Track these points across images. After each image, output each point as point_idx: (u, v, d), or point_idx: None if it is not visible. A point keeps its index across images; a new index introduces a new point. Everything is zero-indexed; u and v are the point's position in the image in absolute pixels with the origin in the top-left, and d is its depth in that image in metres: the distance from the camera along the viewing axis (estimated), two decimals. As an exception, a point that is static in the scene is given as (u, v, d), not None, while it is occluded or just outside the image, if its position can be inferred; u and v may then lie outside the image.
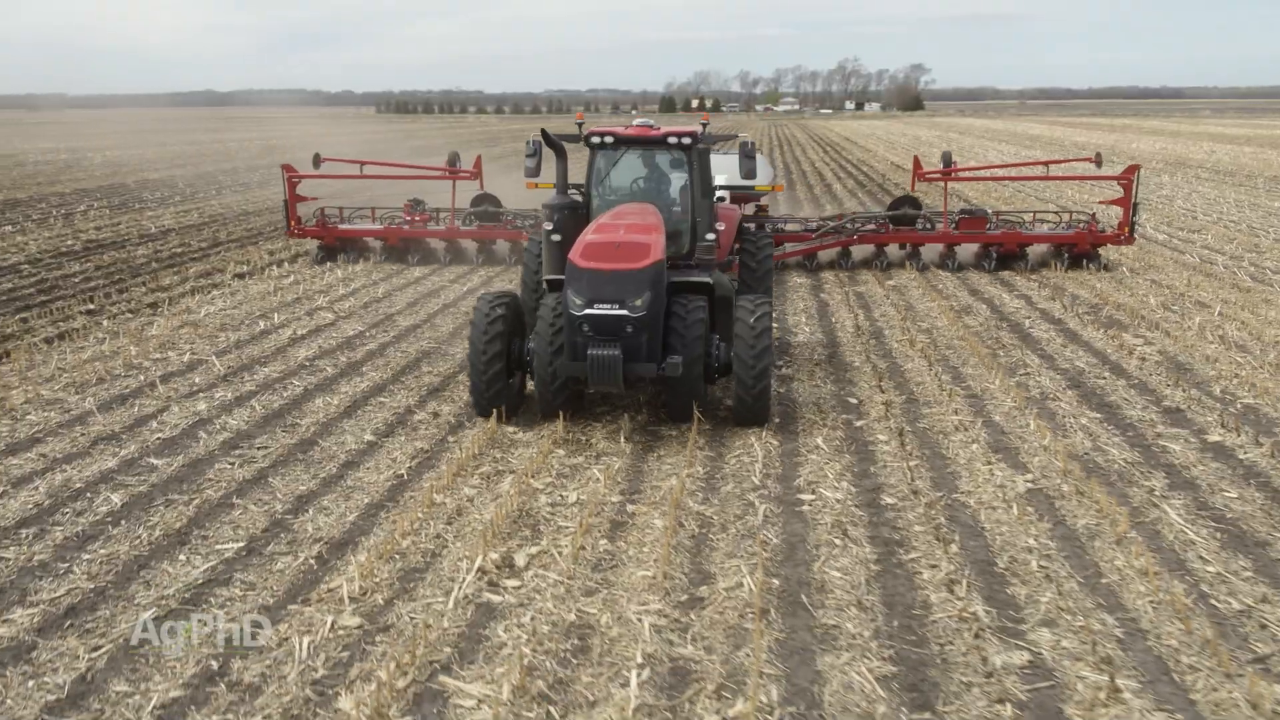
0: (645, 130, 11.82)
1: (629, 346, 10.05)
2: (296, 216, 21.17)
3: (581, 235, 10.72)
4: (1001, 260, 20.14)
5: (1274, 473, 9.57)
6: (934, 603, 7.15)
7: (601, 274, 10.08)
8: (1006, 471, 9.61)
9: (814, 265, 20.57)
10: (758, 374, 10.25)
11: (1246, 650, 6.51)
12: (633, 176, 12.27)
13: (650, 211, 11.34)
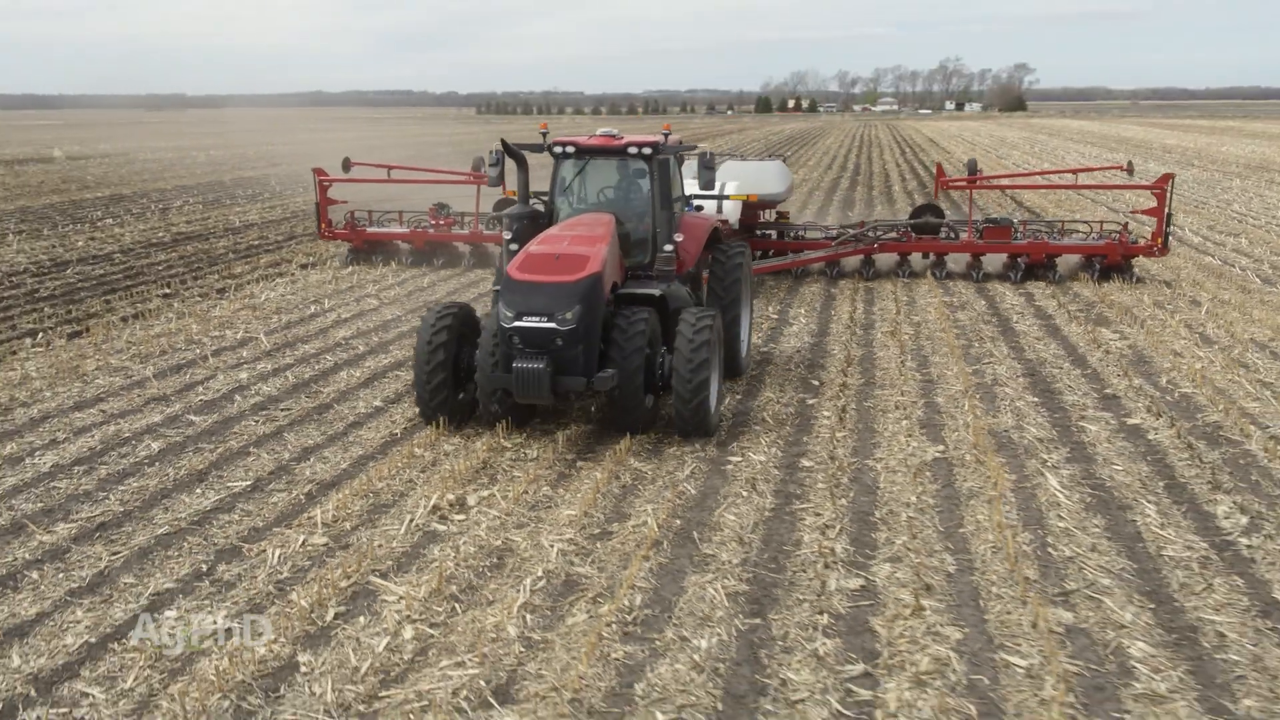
0: (608, 140, 11.84)
1: (559, 359, 10.06)
2: (327, 219, 21.75)
3: (526, 246, 10.89)
4: (1029, 271, 19.57)
5: (1171, 451, 10.53)
6: (805, 542, 8.41)
7: (532, 286, 10.19)
8: (922, 443, 10.76)
9: (835, 273, 20.23)
10: (694, 388, 10.28)
11: (1056, 587, 7.63)
12: (595, 186, 12.31)
13: (602, 222, 11.27)
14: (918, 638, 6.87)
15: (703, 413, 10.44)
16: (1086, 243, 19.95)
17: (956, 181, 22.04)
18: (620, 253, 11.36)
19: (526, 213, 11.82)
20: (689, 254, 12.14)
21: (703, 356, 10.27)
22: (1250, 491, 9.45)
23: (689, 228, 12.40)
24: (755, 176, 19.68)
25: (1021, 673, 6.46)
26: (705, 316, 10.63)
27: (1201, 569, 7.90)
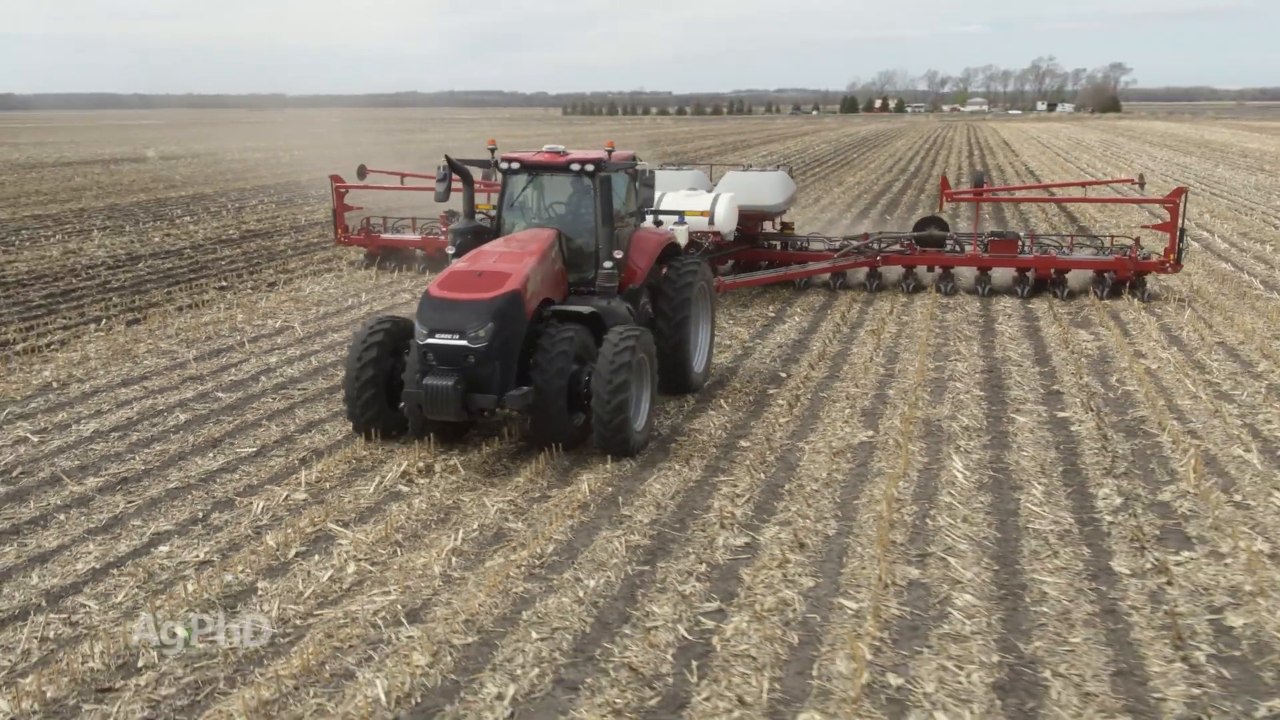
0: (553, 156, 11.95)
1: (472, 376, 10.13)
2: (344, 225, 22.26)
3: (453, 263, 11.12)
4: (1037, 286, 19.14)
5: (1085, 441, 11.46)
6: (713, 507, 9.63)
7: (447, 303, 10.31)
8: (856, 429, 11.87)
9: (839, 285, 20.05)
10: (613, 408, 10.25)
11: (916, 550, 8.74)
12: (541, 202, 12.40)
13: (537, 239, 11.41)
14: (773, 584, 8.05)
15: (623, 432, 10.43)
16: (1096, 258, 19.40)
17: (961, 194, 22.23)
18: (562, 268, 11.61)
19: (470, 227, 12.01)
20: (638, 269, 12.26)
21: (622, 377, 10.25)
22: (1140, 478, 10.37)
23: (640, 243, 12.52)
24: (753, 187, 19.71)
25: (850, 613, 7.61)
26: (629, 336, 10.59)
27: (1056, 540, 8.92)
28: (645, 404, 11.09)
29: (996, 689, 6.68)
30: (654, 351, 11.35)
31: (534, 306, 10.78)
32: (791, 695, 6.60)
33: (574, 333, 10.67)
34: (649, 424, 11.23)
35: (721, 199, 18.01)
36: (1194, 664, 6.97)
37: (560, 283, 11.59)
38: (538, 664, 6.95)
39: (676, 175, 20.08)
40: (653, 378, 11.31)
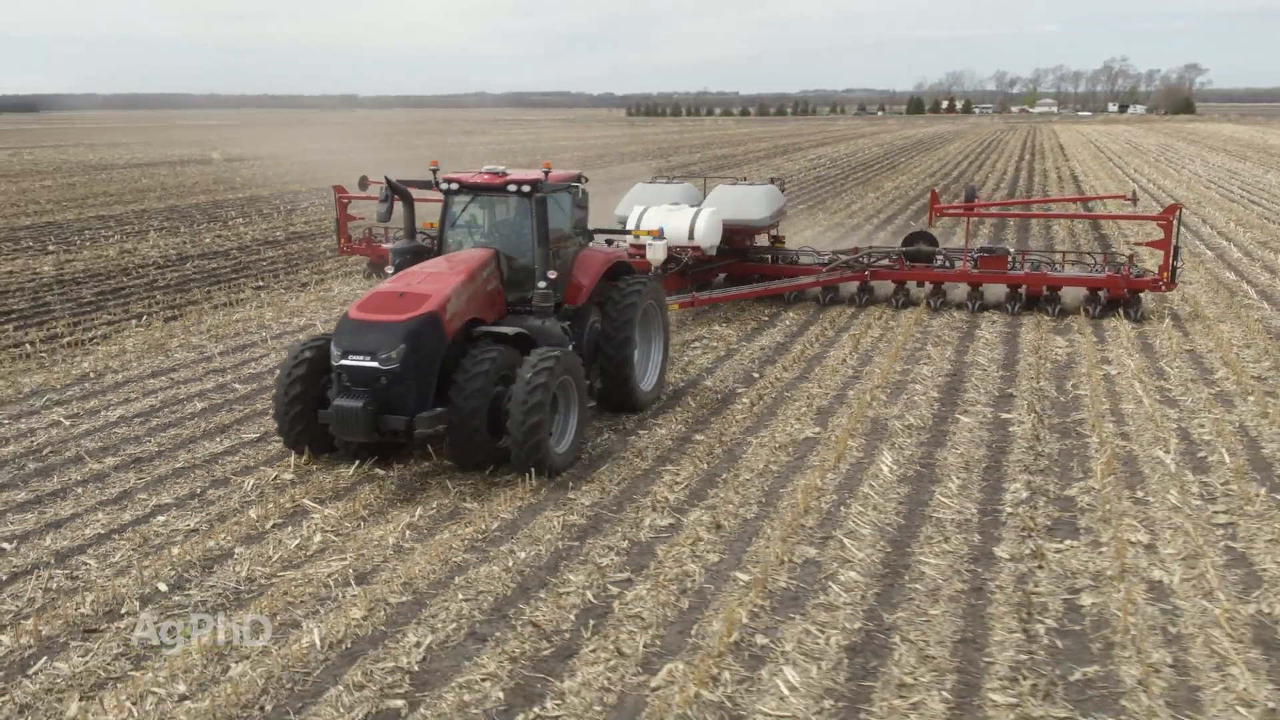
0: (492, 177, 12.07)
1: (384, 398, 10.25)
2: (346, 234, 22.71)
3: (378, 284, 11.32)
4: (1029, 303, 19.05)
5: (1017, 441, 12.28)
6: (652, 493, 10.68)
7: (362, 325, 10.47)
8: (805, 425, 12.83)
9: (828, 299, 20.04)
10: (527, 430, 10.33)
11: (820, 533, 9.69)
12: (480, 222, 12.54)
13: (468, 259, 11.58)
14: (682, 559, 9.09)
15: (539, 453, 10.50)
16: (1088, 275, 19.11)
17: (952, 208, 22.00)
18: (498, 288, 11.81)
19: (410, 247, 12.23)
20: (582, 289, 12.52)
21: (536, 398, 10.31)
22: (1055, 475, 11.20)
23: (584, 262, 12.72)
24: (740, 202, 19.77)
25: (741, 584, 8.62)
26: (547, 359, 10.63)
27: (952, 528, 9.82)
28: (572, 424, 11.24)
29: (847, 650, 7.65)
30: (581, 372, 11.34)
31: (456, 327, 10.84)
32: (666, 650, 7.64)
33: (496, 354, 10.68)
34: (576, 444, 11.33)
35: (703, 214, 18.26)
36: (1032, 635, 7.87)
37: (495, 303, 11.74)
38: (457, 620, 8.08)
39: (666, 189, 20.08)
40: (582, 398, 11.32)
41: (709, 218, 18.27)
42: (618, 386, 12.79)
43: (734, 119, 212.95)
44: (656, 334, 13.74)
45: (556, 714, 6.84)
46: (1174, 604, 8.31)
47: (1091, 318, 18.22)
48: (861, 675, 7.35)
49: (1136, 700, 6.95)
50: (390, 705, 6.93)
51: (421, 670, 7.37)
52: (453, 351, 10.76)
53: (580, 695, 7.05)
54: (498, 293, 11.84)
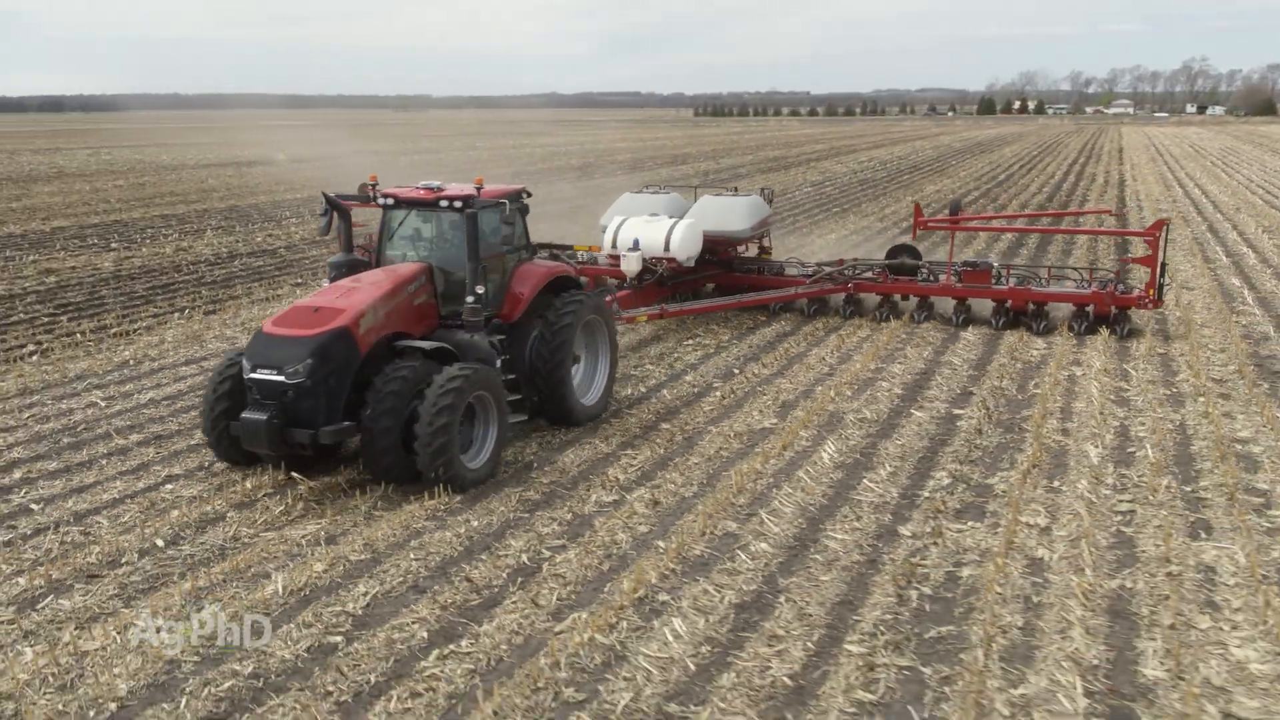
0: (427, 193, 12.25)
1: (291, 411, 10.47)
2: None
3: (298, 300, 11.70)
4: (1015, 318, 18.87)
5: (960, 434, 13.18)
6: (607, 474, 11.81)
7: (273, 339, 10.72)
8: (765, 416, 13.85)
9: (813, 311, 20.00)
10: (434, 449, 10.55)
11: (746, 511, 10.74)
12: (415, 236, 12.78)
13: (394, 274, 11.80)
14: (615, 529, 10.22)
15: (449, 469, 10.75)
16: (1073, 291, 18.91)
17: (936, 221, 21.61)
18: (430, 302, 12.05)
19: (347, 261, 12.54)
20: (519, 303, 12.69)
21: (444, 419, 10.51)
22: (982, 466, 12.10)
23: (523, 277, 12.87)
24: (722, 213, 19.85)
25: (659, 551, 9.73)
26: (458, 375, 10.77)
27: (869, 509, 10.81)
28: (491, 439, 11.43)
29: (736, 607, 8.72)
30: (500, 387, 11.51)
31: (372, 341, 11.01)
32: (577, 603, 8.78)
33: (411, 369, 10.86)
34: (495, 458, 11.49)
35: (679, 226, 18.40)
36: (904, 600, 8.86)
37: (425, 316, 11.95)
38: (404, 575, 9.30)
39: (652, 199, 20.17)
40: (502, 413, 11.48)
41: (685, 229, 18.37)
42: (553, 401, 12.91)
43: (799, 119, 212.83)
44: (603, 349, 13.83)
45: (468, 651, 8.02)
46: (1045, 577, 9.23)
47: (1077, 335, 18.06)
48: (741, 628, 8.41)
49: (974, 655, 7.91)
50: (330, 640, 8.17)
51: (363, 614, 8.60)
52: (369, 365, 10.92)
53: (492, 637, 8.22)
54: (429, 307, 12.02)
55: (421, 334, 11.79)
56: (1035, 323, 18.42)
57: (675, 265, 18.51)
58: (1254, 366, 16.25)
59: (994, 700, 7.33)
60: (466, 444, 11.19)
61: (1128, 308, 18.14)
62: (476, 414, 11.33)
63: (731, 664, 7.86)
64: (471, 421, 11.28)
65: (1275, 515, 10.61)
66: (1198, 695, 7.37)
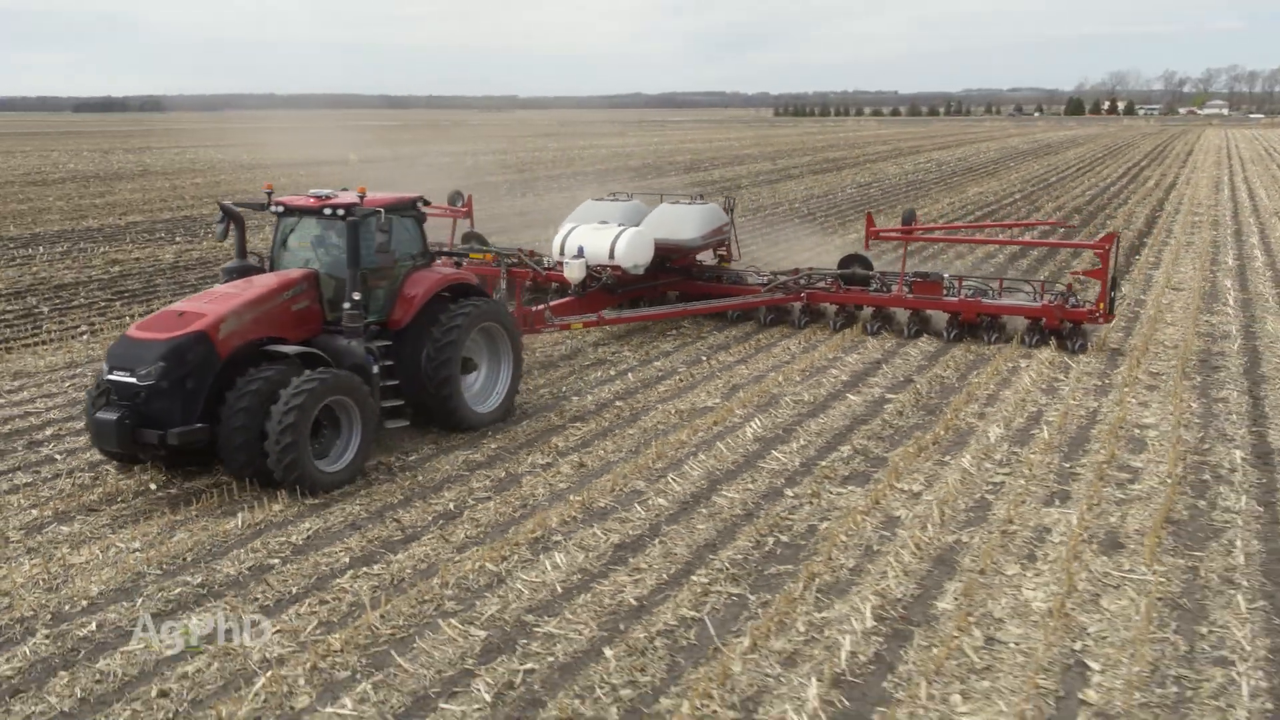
0: (315, 201, 12.58)
1: (143, 412, 10.75)
2: None
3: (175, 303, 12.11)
4: (966, 330, 18.66)
5: (882, 416, 14.51)
6: (552, 441, 13.41)
7: (132, 342, 11.13)
8: (713, 397, 15.31)
9: (768, 320, 20.05)
10: (281, 450, 10.80)
11: (659, 472, 12.25)
12: (303, 243, 12.99)
13: (269, 280, 12.20)
14: (537, 485, 11.83)
15: (294, 471, 11.00)
16: (1023, 304, 18.59)
17: (889, 232, 21.25)
18: (311, 308, 12.35)
19: (239, 266, 12.92)
20: (408, 309, 12.92)
21: (289, 421, 10.81)
22: (889, 441, 13.41)
23: (415, 283, 13.07)
24: (673, 222, 19.92)
25: (569, 501, 11.29)
26: (310, 380, 11.04)
27: (769, 474, 12.23)
28: (355, 444, 11.70)
29: (616, 547, 10.26)
30: (363, 392, 11.72)
31: (235, 345, 11.28)
32: (480, 540, 10.40)
33: (271, 374, 11.12)
34: (359, 462, 11.81)
35: (625, 234, 18.59)
36: (760, 544, 10.29)
37: (307, 322, 12.24)
38: (346, 516, 11.01)
39: (610, 207, 20.34)
40: (367, 418, 11.73)
41: (631, 237, 18.56)
42: (440, 407, 13.12)
43: (878, 120, 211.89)
44: (505, 356, 14.02)
45: (379, 573, 9.70)
46: (894, 532, 10.58)
47: (1028, 347, 17.79)
48: (613, 563, 9.95)
49: (796, 586, 9.34)
50: (269, 562, 9.92)
51: (302, 544, 10.33)
52: (234, 369, 11.18)
53: (402, 563, 9.90)
54: (310, 312, 12.29)
55: (302, 339, 11.99)
56: (987, 335, 18.40)
57: (621, 273, 18.71)
58: (1199, 362, 17.16)
59: (796, 620, 8.76)
60: (329, 447, 11.60)
61: (1079, 322, 17.86)
62: (339, 419, 11.61)
63: (592, 589, 9.40)
64: (335, 426, 11.61)
65: (1134, 489, 11.75)
66: (972, 623, 8.70)
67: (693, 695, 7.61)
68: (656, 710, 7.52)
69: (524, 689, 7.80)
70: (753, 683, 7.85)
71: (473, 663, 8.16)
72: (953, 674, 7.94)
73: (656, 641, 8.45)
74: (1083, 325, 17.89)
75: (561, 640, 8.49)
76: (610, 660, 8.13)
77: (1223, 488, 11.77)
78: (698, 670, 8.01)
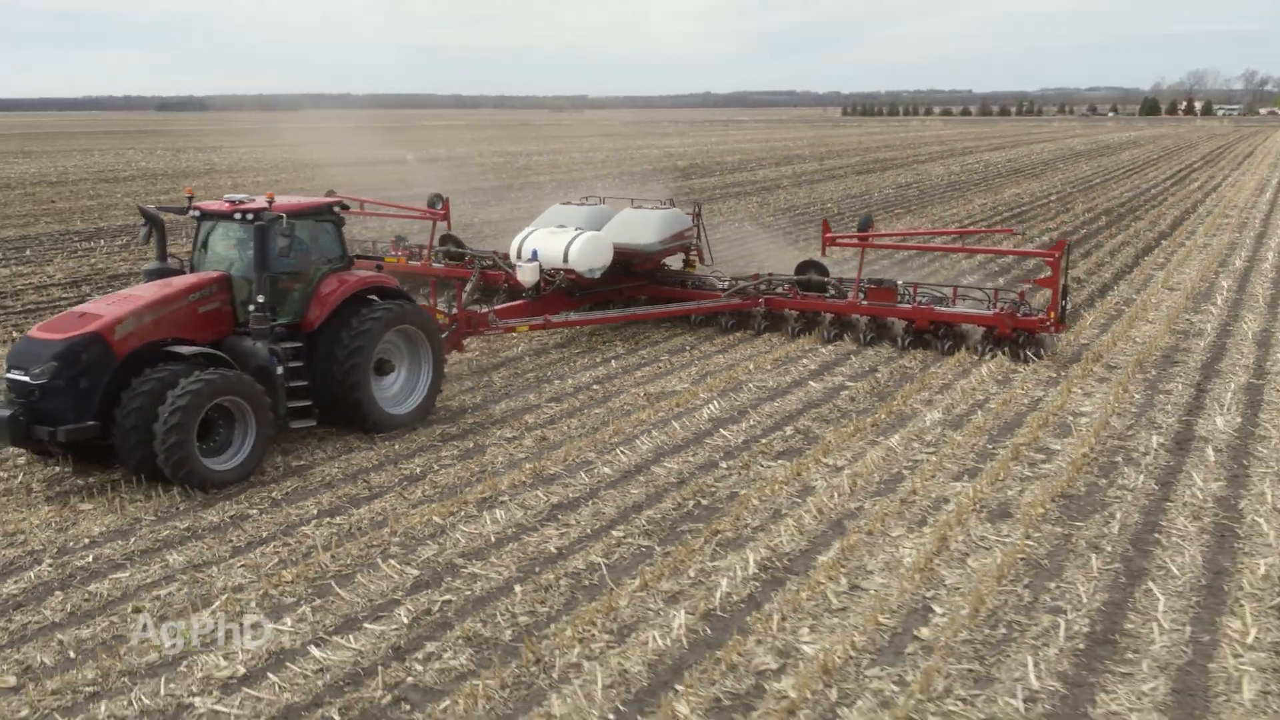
0: (229, 206, 13.01)
1: (37, 409, 11.22)
2: None
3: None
4: (919, 338, 18.52)
5: (831, 400, 15.64)
6: (522, 418, 14.81)
7: (29, 341, 11.71)
8: (680, 383, 16.56)
9: (729, 325, 20.19)
10: (167, 449, 11.26)
11: (611, 445, 13.54)
12: (221, 247, 13.40)
13: (177, 283, 12.69)
14: (497, 456, 13.19)
15: (181, 469, 11.45)
16: (975, 312, 18.37)
17: (845, 238, 21.23)
18: (221, 309, 12.89)
19: (158, 269, 13.29)
20: (320, 311, 13.28)
21: (176, 421, 11.22)
22: (832, 423, 14.53)
23: (329, 286, 13.43)
24: (632, 226, 20.23)
25: (522, 469, 12.65)
26: (197, 381, 11.46)
27: (710, 449, 13.46)
28: (249, 443, 12.11)
29: (554, 506, 11.57)
30: (256, 392, 12.10)
31: (133, 346, 11.73)
32: (435, 499, 11.79)
33: (166, 374, 11.53)
34: (253, 460, 12.21)
35: (580, 239, 18.98)
36: (681, 506, 11.52)
37: (215, 323, 12.78)
38: (323, 478, 12.49)
39: (576, 211, 20.88)
40: (261, 417, 12.12)
41: (585, 242, 18.89)
42: (351, 408, 13.45)
43: (944, 120, 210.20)
44: (425, 358, 14.37)
45: (339, 523, 11.14)
46: (804, 499, 11.74)
47: (980, 356, 17.68)
48: (546, 518, 11.27)
49: (698, 541, 10.58)
50: (248, 513, 11.43)
51: (280, 499, 11.83)
52: (133, 369, 11.65)
53: (361, 515, 11.34)
54: (221, 314, 12.84)
55: (211, 340, 12.53)
56: (941, 343, 18.21)
57: (576, 277, 18.99)
58: (1161, 358, 17.88)
59: (689, 568, 10.01)
60: (225, 444, 12.06)
61: (1030, 330, 17.62)
62: (235, 418, 12.04)
63: (522, 539, 10.74)
64: (229, 425, 12.06)
65: (1044, 468, 12.74)
66: (842, 573, 9.87)
67: (579, 623, 8.91)
68: (546, 633, 8.82)
69: (439, 615, 9.17)
70: (635, 615, 9.12)
71: (401, 595, 9.54)
72: (809, 612, 9.12)
73: (561, 581, 9.76)
74: (1036, 334, 17.67)
75: (482, 579, 9.84)
76: (518, 595, 9.47)
77: (1128, 469, 12.66)
78: (590, 604, 9.29)
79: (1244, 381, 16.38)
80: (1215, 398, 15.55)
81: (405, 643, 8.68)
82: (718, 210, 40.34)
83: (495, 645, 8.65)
